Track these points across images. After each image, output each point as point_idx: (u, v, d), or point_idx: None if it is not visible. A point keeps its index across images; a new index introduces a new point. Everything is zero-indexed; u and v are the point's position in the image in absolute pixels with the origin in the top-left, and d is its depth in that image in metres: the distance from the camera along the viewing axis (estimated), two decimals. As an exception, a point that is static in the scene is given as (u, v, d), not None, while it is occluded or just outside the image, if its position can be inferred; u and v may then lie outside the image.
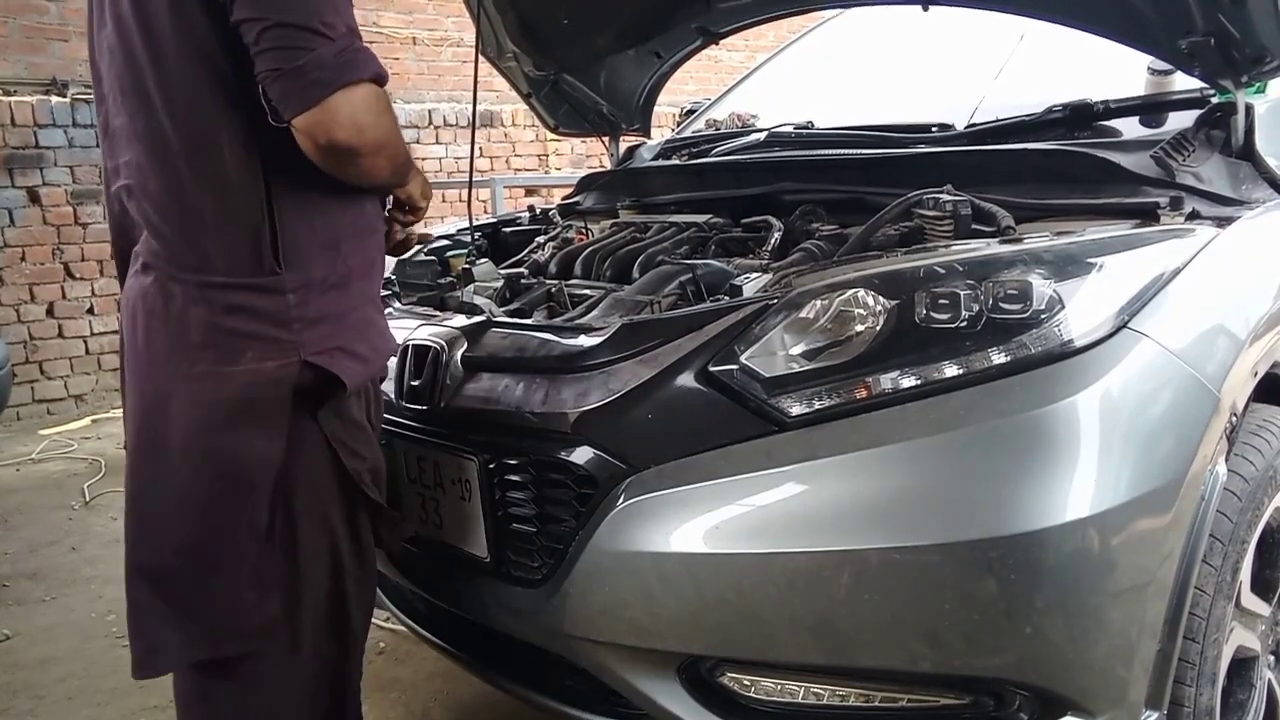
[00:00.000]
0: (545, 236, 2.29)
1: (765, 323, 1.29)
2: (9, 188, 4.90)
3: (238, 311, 1.26)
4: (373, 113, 1.22)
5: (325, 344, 1.30)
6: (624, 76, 2.76)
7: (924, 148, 1.89)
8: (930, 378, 1.18)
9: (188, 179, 1.26)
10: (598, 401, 1.33)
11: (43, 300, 5.07)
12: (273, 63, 1.17)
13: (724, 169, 2.21)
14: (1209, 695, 1.33)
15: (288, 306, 1.27)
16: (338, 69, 1.18)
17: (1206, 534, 1.28)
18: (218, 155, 1.24)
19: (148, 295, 1.30)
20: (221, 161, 1.24)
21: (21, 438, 4.63)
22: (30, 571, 2.97)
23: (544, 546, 1.39)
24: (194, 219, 1.27)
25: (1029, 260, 1.25)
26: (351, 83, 1.19)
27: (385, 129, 1.25)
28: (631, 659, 1.30)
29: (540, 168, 7.19)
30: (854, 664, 1.20)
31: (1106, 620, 1.16)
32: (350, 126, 1.20)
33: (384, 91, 1.25)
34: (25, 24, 5.07)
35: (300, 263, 1.28)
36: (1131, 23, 1.69)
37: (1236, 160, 1.65)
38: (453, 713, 2.10)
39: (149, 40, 1.24)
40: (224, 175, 1.25)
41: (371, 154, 1.25)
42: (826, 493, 1.18)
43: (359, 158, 1.24)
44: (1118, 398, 1.18)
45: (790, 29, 3.29)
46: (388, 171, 1.32)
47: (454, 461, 1.50)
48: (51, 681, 2.30)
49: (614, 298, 1.63)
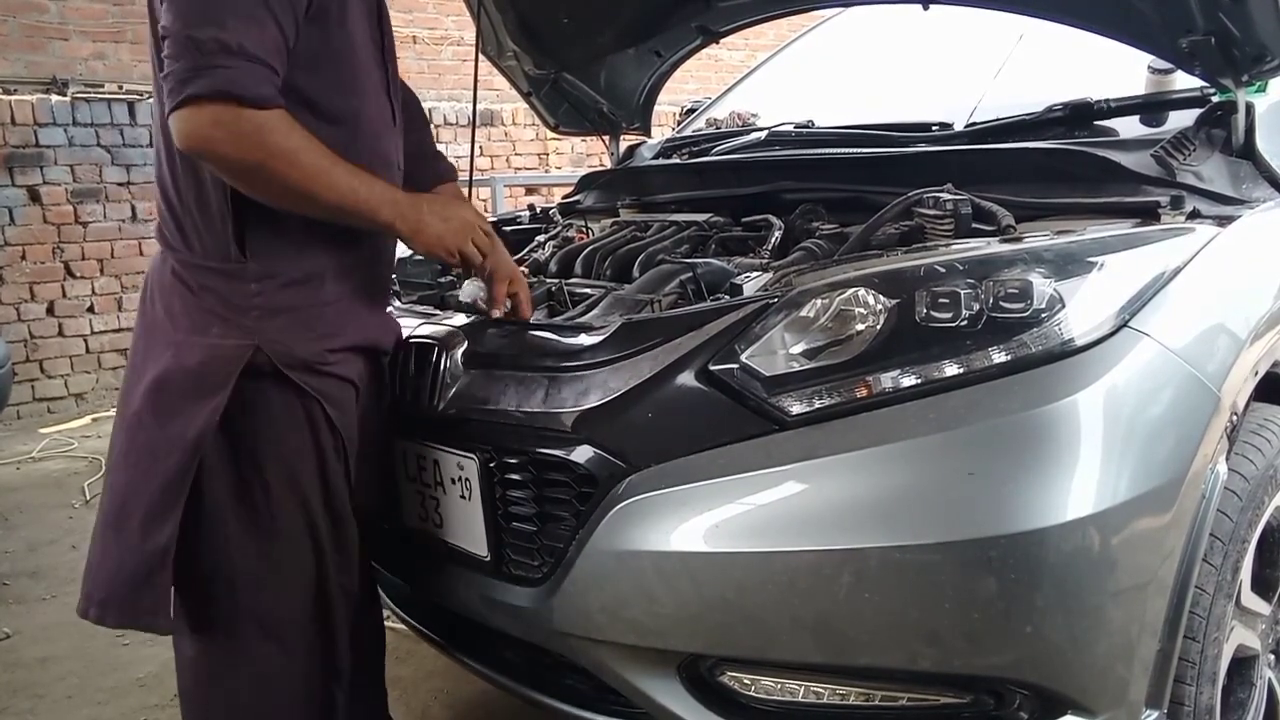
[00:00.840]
0: (545, 235, 2.28)
1: (766, 322, 1.29)
2: (9, 186, 4.90)
3: (206, 291, 1.36)
4: (223, 130, 1.22)
5: (284, 334, 1.37)
6: (624, 75, 2.76)
7: (924, 147, 1.89)
8: (930, 377, 1.18)
9: (177, 168, 1.37)
10: (598, 400, 1.33)
11: (43, 299, 5.07)
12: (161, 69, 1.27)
13: (724, 168, 2.21)
14: (1209, 694, 1.33)
15: (249, 295, 1.35)
16: (183, 80, 1.22)
17: (1207, 533, 1.28)
18: None
19: (155, 267, 1.44)
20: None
21: (22, 436, 4.63)
22: (30, 570, 2.97)
23: (544, 545, 1.38)
24: (180, 204, 1.38)
25: (1029, 259, 1.25)
26: (197, 98, 1.21)
27: (246, 148, 1.24)
28: (631, 658, 1.29)
29: (540, 167, 7.19)
30: (854, 663, 1.20)
31: (1107, 619, 1.16)
32: (193, 140, 1.24)
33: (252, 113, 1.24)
34: (25, 23, 5.07)
35: (266, 256, 1.36)
36: (1132, 21, 1.69)
37: (1237, 159, 1.65)
38: (452, 711, 2.10)
39: (153, 39, 1.34)
40: (198, 168, 1.34)
41: (247, 172, 1.27)
42: (827, 492, 1.18)
43: (235, 175, 1.28)
44: (1118, 397, 1.18)
45: (790, 28, 3.29)
46: (287, 198, 1.30)
47: (454, 460, 1.50)
48: (51, 680, 2.30)
49: (614, 296, 1.63)
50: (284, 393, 1.37)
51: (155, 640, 2.46)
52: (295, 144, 1.28)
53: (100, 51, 5.32)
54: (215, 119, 1.22)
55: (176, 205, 1.39)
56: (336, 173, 1.31)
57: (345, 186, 1.32)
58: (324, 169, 1.30)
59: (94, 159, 5.15)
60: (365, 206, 1.35)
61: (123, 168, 5.25)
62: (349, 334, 1.43)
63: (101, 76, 5.30)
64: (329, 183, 1.31)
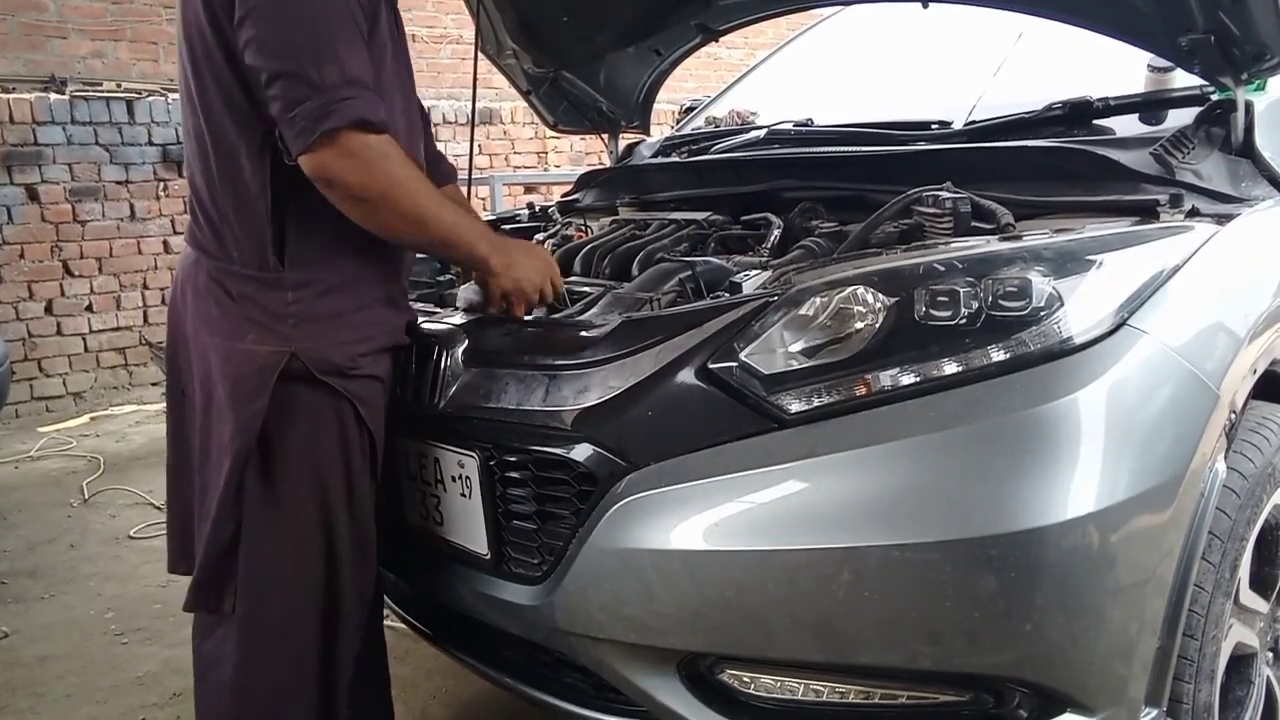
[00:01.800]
0: (545, 234, 2.28)
1: (765, 320, 1.29)
2: (7, 185, 4.89)
3: (244, 299, 1.40)
4: (353, 160, 1.28)
5: (319, 341, 1.40)
6: (623, 74, 2.75)
7: (923, 145, 1.89)
8: (930, 375, 1.18)
9: (216, 178, 1.39)
10: (597, 398, 1.33)
11: (41, 298, 5.06)
12: (276, 110, 1.29)
13: (723, 166, 2.21)
14: (1208, 692, 1.34)
15: (285, 303, 1.39)
16: (318, 119, 1.26)
17: (1206, 531, 1.28)
18: (236, 163, 1.37)
19: (188, 267, 1.48)
20: (240, 169, 1.37)
21: (20, 435, 4.62)
22: (29, 569, 2.97)
23: (544, 543, 1.39)
24: (219, 212, 1.41)
25: (1028, 257, 1.25)
26: (334, 131, 1.26)
27: (374, 176, 1.30)
28: (631, 656, 1.30)
29: (539, 165, 7.18)
30: (853, 661, 1.20)
31: (1106, 617, 1.16)
32: (329, 171, 1.29)
33: (377, 140, 1.30)
34: (24, 21, 5.07)
35: (303, 265, 1.40)
36: (1131, 20, 1.69)
37: (1236, 158, 1.65)
38: (452, 710, 2.10)
39: (191, 54, 1.37)
40: (242, 180, 1.37)
41: (369, 199, 1.32)
42: (826, 490, 1.18)
43: (358, 203, 1.32)
44: (1117, 395, 1.18)
45: (789, 26, 3.29)
46: (402, 227, 1.36)
47: (454, 458, 1.50)
48: (50, 679, 2.30)
49: (613, 295, 1.63)
50: (316, 395, 1.40)
51: (154, 639, 2.47)
52: (411, 173, 1.34)
53: (99, 50, 5.32)
54: (346, 148, 1.27)
55: (214, 215, 1.41)
56: (444, 205, 1.38)
57: (450, 219, 1.39)
58: (435, 198, 1.37)
59: (92, 158, 5.14)
60: (466, 239, 1.42)
61: (121, 166, 5.24)
62: (378, 338, 1.47)
63: (100, 75, 5.30)
64: (438, 214, 1.37)
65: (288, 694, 1.44)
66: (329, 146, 1.27)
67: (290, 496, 1.41)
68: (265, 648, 1.42)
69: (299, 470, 1.41)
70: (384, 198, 1.32)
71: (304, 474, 1.41)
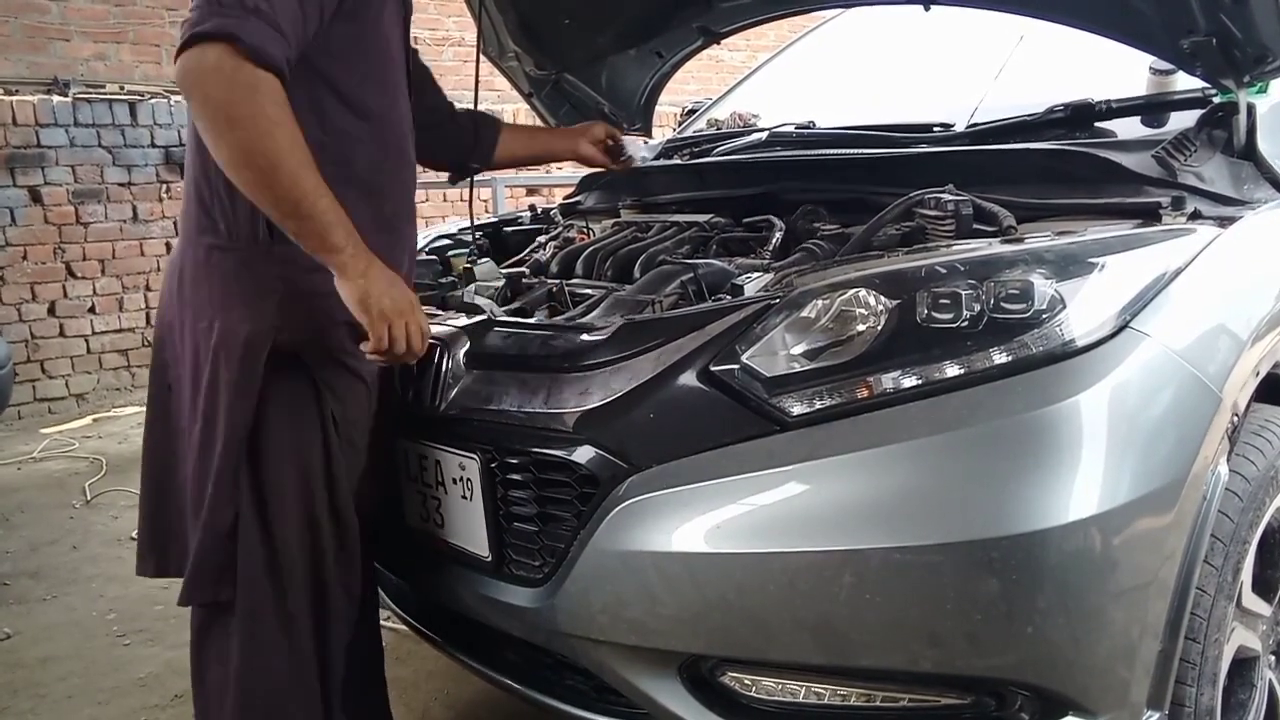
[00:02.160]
0: (546, 236, 2.29)
1: (767, 322, 1.29)
2: (10, 187, 4.90)
3: (232, 276, 1.39)
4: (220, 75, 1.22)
5: (306, 320, 1.39)
6: (625, 76, 2.75)
7: (925, 147, 1.89)
8: (931, 377, 1.18)
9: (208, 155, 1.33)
10: (599, 401, 1.33)
11: (44, 299, 5.07)
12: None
13: (725, 168, 2.21)
14: (1210, 695, 1.33)
15: (272, 278, 1.38)
16: (196, 23, 1.22)
17: (1208, 534, 1.28)
18: None
19: (176, 256, 1.47)
20: None
21: (23, 436, 4.63)
22: (31, 570, 2.97)
23: (545, 546, 1.39)
24: (211, 186, 1.40)
25: (1030, 260, 1.25)
26: (206, 38, 1.21)
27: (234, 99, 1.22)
28: (632, 658, 1.29)
29: (542, 167, 7.17)
30: (855, 664, 1.20)
31: (1108, 620, 1.16)
32: (190, 76, 1.24)
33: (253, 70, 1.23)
34: (27, 23, 5.08)
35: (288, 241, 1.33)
36: (1133, 22, 1.69)
37: (1238, 160, 1.65)
38: (453, 711, 2.10)
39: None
40: None
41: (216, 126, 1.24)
42: (828, 492, 1.18)
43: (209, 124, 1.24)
44: (1120, 398, 1.18)
45: (791, 29, 3.28)
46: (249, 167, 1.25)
47: (455, 460, 1.50)
48: (52, 680, 2.30)
49: (615, 297, 1.63)
50: (299, 380, 1.40)
51: (155, 640, 2.47)
52: (281, 117, 1.25)
53: (101, 52, 5.33)
54: (218, 62, 1.22)
55: (206, 191, 1.40)
56: (309, 171, 1.27)
57: (309, 186, 1.27)
58: (298, 157, 1.26)
59: (95, 160, 5.15)
60: (322, 218, 1.28)
61: (124, 168, 5.25)
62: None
63: (103, 77, 5.30)
64: (295, 171, 1.26)
65: (288, 691, 1.44)
66: (201, 53, 1.22)
67: (273, 482, 1.40)
68: (266, 644, 1.42)
69: (280, 457, 1.40)
70: (241, 124, 1.23)
71: (286, 461, 1.40)
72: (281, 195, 1.27)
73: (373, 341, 1.33)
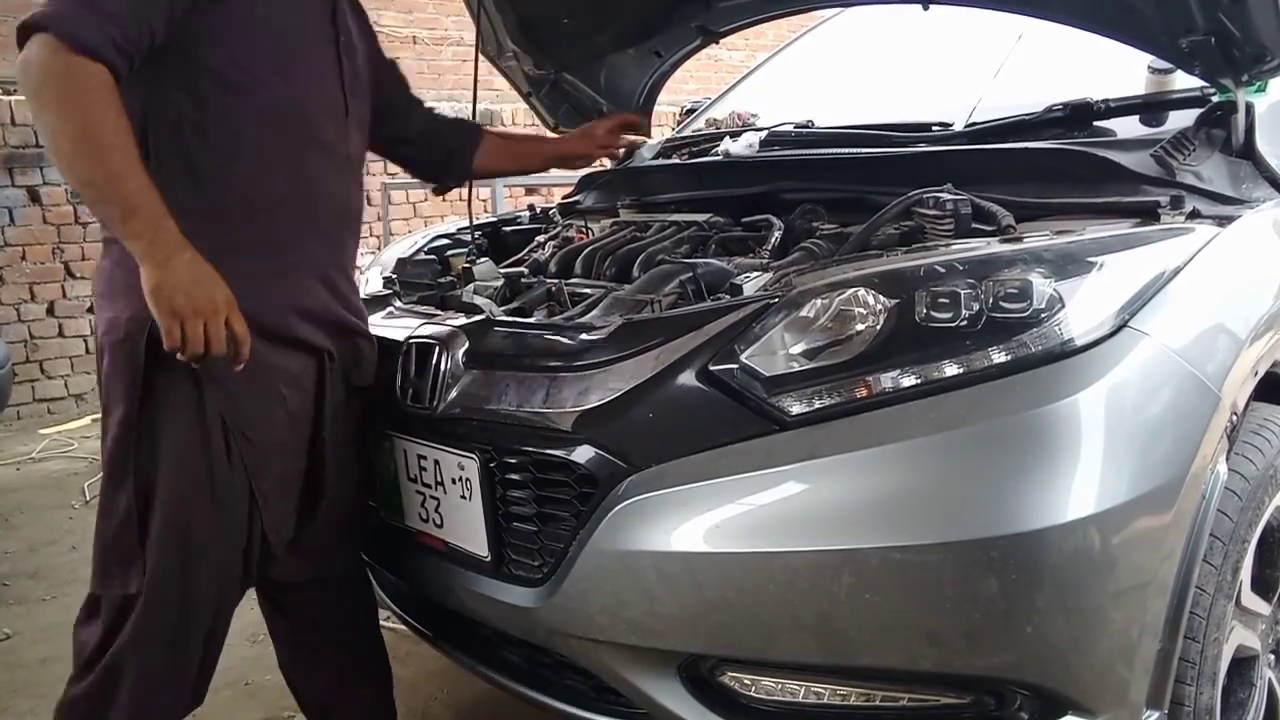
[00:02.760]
0: (545, 235, 2.28)
1: (765, 322, 1.29)
2: (9, 187, 4.90)
3: (117, 266, 1.39)
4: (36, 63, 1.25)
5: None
6: (624, 75, 2.75)
7: (924, 147, 1.89)
8: (930, 377, 1.18)
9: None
10: (598, 400, 1.33)
11: (43, 299, 5.06)
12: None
13: (724, 168, 2.21)
14: (1209, 694, 1.33)
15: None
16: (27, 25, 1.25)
17: (1207, 533, 1.28)
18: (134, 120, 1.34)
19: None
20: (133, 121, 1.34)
21: (22, 437, 4.63)
22: (30, 570, 2.97)
23: (544, 545, 1.39)
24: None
25: (1029, 259, 1.25)
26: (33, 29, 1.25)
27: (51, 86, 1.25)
28: (632, 658, 1.30)
29: (540, 167, 7.17)
30: (854, 663, 1.20)
31: (1107, 620, 1.16)
32: (18, 65, 1.26)
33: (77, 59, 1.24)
34: (25, 23, 5.07)
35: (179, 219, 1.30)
36: (1131, 22, 1.69)
37: (1237, 159, 1.65)
38: (453, 711, 2.10)
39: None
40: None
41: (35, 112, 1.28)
42: (827, 492, 1.18)
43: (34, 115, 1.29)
44: (1118, 397, 1.18)
45: (790, 28, 3.28)
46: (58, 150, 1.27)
47: (454, 460, 1.50)
48: (52, 680, 2.30)
49: (614, 297, 1.63)
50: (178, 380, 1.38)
51: (155, 641, 2.46)
52: (92, 101, 1.25)
53: (100, 52, 5.33)
54: (38, 51, 1.25)
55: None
56: (116, 155, 1.26)
57: (114, 170, 1.25)
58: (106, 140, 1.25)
59: (94, 159, 5.15)
60: (123, 202, 1.26)
61: (123, 168, 5.25)
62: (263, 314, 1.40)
63: (101, 77, 5.31)
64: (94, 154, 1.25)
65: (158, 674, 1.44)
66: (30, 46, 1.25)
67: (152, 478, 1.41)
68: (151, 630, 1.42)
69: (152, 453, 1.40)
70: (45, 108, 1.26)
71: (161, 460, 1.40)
72: (85, 178, 1.28)
73: (164, 338, 1.29)
